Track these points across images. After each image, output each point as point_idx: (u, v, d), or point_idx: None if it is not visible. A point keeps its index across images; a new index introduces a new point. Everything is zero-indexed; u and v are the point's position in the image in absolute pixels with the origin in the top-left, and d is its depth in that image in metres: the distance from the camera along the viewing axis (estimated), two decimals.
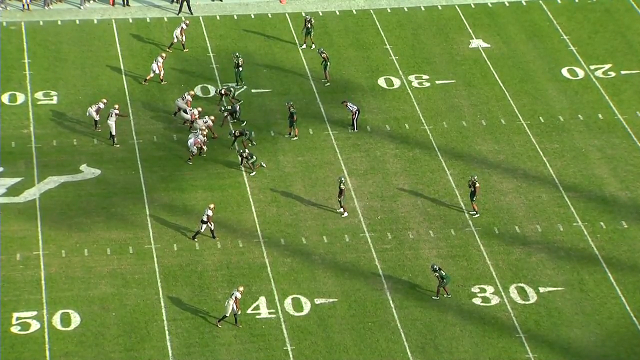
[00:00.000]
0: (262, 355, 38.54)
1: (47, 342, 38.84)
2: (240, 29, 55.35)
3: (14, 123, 49.29)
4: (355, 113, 48.49)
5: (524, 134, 49.22)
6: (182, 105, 48.54)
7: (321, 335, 39.42)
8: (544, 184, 46.36)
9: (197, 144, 46.35)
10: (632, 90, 52.00)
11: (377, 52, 54.47)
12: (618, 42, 55.50)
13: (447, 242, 43.43)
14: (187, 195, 45.48)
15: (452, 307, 40.56)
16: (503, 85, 52.23)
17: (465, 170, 46.88)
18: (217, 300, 40.65)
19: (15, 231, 43.42)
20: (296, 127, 48.00)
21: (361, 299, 40.85)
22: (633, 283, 41.62)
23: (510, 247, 43.19)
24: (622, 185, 46.36)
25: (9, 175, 46.25)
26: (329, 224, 44.16)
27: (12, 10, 56.90)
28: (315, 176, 46.59)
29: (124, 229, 43.70)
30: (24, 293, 40.73)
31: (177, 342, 39.05)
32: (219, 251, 42.79)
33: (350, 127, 48.71)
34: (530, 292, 41.18)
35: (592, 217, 44.66)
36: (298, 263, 42.37)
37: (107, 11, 57.31)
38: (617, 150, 48.15)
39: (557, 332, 39.70)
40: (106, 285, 41.20)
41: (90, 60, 53.46)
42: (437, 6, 58.20)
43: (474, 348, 38.99)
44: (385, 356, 38.67)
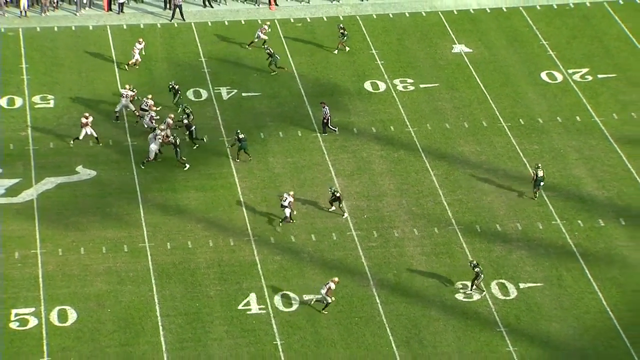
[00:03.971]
0: (253, 350, 38.61)
1: (44, 338, 38.84)
2: (231, 35, 55.35)
3: (12, 126, 49.28)
4: (326, 117, 48.41)
5: (505, 135, 49.37)
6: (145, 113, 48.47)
7: (309, 330, 39.49)
8: (523, 183, 46.49)
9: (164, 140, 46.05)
10: (608, 94, 52.18)
11: (364, 57, 54.58)
12: (595, 47, 55.70)
13: (431, 240, 43.54)
14: (179, 195, 45.51)
15: (436, 302, 40.67)
16: (485, 89, 52.37)
17: (449, 171, 47.02)
18: (209, 296, 40.70)
19: (13, 230, 43.41)
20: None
21: (348, 295, 40.92)
22: (609, 279, 41.79)
23: (491, 244, 43.33)
24: (599, 184, 46.53)
25: (7, 176, 46.23)
26: (317, 223, 44.25)
27: (10, 17, 56.87)
28: (304, 177, 46.67)
29: (119, 228, 43.72)
30: (23, 290, 40.72)
31: (170, 337, 39.09)
32: (211, 249, 42.84)
33: (323, 132, 48.66)
34: (510, 288, 41.30)
35: (570, 216, 44.83)
36: (287, 261, 42.45)
37: (102, 18, 57.32)
38: (594, 152, 48.32)
39: (537, 326, 39.83)
40: (102, 283, 41.21)
41: (86, 65, 53.46)
42: (421, 12, 58.34)
43: (457, 342, 39.10)
44: (372, 350, 38.77)
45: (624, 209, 45.25)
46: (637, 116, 50.63)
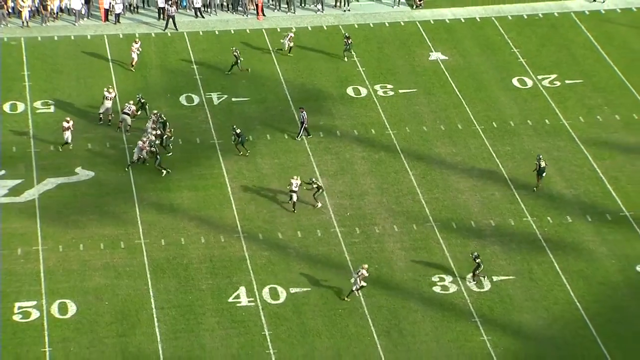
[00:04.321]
0: (243, 340, 38.60)
1: (46, 329, 38.79)
2: (221, 44, 55.33)
3: (15, 129, 49.15)
4: (303, 122, 48.39)
5: (479, 137, 49.46)
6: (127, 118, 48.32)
7: (296, 321, 39.51)
8: (497, 182, 46.59)
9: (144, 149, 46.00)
10: (575, 98, 52.33)
11: (346, 64, 54.60)
12: (563, 54, 55.84)
13: (410, 236, 43.59)
14: (173, 194, 45.47)
15: (414, 294, 40.72)
16: (460, 94, 52.45)
17: (426, 171, 47.08)
18: (201, 290, 40.67)
19: (16, 228, 43.32)
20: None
21: (332, 288, 40.95)
22: (577, 272, 41.92)
23: (466, 240, 43.40)
24: (567, 183, 46.66)
25: (10, 177, 46.13)
26: (302, 220, 44.25)
27: (12, 27, 56.75)
28: (290, 177, 46.59)
29: (116, 226, 43.66)
30: (25, 284, 40.65)
31: (164, 328, 39.06)
32: (203, 245, 42.81)
33: (301, 135, 48.62)
34: (484, 281, 41.39)
35: (540, 213, 44.93)
36: (275, 256, 42.45)
37: (99, 28, 57.23)
38: (562, 152, 48.45)
39: (509, 317, 39.92)
40: (100, 277, 41.16)
41: (85, 73, 53.36)
42: (400, 22, 58.40)
43: (434, 331, 39.17)
44: (354, 340, 38.80)
45: (590, 207, 45.38)
46: (602, 119, 50.78)
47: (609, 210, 45.14)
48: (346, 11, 59.04)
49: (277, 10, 59.01)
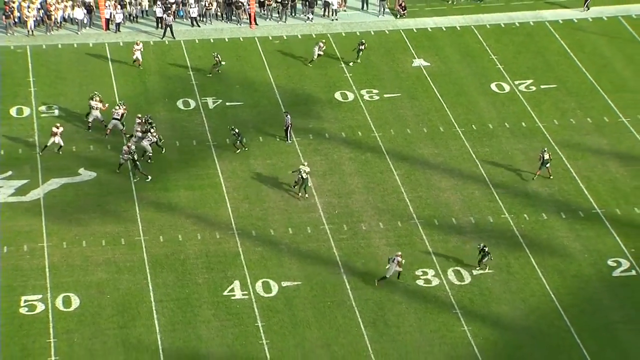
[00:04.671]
0: (237, 331, 38.56)
1: (51, 322, 38.70)
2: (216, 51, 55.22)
3: (21, 132, 49.04)
4: (288, 125, 48.35)
5: (460, 139, 49.49)
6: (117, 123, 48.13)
7: (287, 313, 39.48)
8: (476, 182, 46.63)
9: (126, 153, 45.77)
10: (550, 102, 52.40)
11: (334, 70, 54.58)
12: (538, 61, 55.91)
13: (395, 232, 43.60)
14: (171, 194, 45.39)
15: (399, 287, 40.72)
16: (441, 98, 52.48)
17: (410, 171, 47.08)
18: (197, 284, 40.62)
19: (22, 226, 43.21)
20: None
21: (321, 281, 40.93)
22: (552, 266, 41.98)
23: (448, 236, 43.42)
24: (542, 182, 46.70)
25: (16, 177, 46.00)
26: (293, 218, 44.22)
27: (18, 36, 56.62)
28: (282, 177, 46.62)
29: (117, 223, 43.56)
30: (31, 279, 40.55)
31: (163, 320, 38.99)
32: (199, 242, 42.74)
33: (284, 138, 48.52)
34: (465, 275, 41.42)
35: (517, 210, 44.98)
36: (267, 251, 42.41)
37: (100, 36, 57.12)
38: (538, 153, 48.45)
39: (488, 308, 39.95)
40: (102, 272, 41.07)
41: (87, 79, 53.25)
42: (385, 31, 58.41)
43: (418, 322, 39.18)
44: (342, 330, 38.79)
45: (564, 204, 45.45)
46: (575, 122, 50.86)
47: (581, 207, 45.22)
48: (334, 20, 59.02)
49: (269, 20, 58.96)
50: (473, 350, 38.15)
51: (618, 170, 47.45)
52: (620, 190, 46.25)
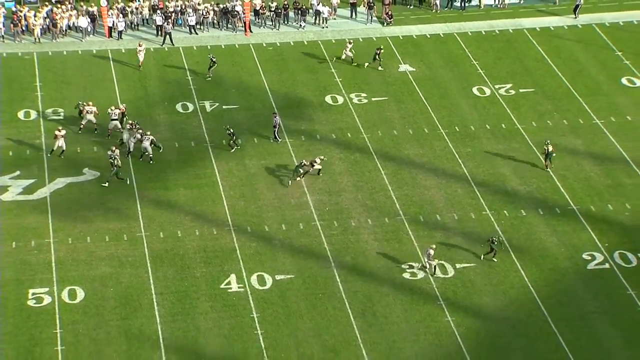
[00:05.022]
0: (233, 322, 38.52)
1: (57, 313, 38.62)
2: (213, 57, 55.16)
3: (28, 134, 48.91)
4: (276, 126, 48.30)
5: (443, 140, 49.49)
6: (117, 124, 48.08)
7: (281, 305, 39.44)
8: (459, 180, 46.64)
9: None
10: (528, 105, 52.43)
11: (324, 75, 54.54)
12: (517, 66, 55.95)
13: (382, 228, 43.57)
14: (170, 192, 45.30)
15: (386, 280, 40.71)
16: (426, 101, 52.47)
17: (397, 170, 47.07)
18: (196, 277, 40.56)
19: (30, 223, 43.10)
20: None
21: (313, 275, 40.90)
22: (530, 259, 42.01)
23: (432, 231, 43.41)
24: (521, 181, 46.75)
25: (24, 177, 45.88)
26: (286, 215, 44.17)
27: (26, 43, 56.47)
28: (275, 176, 46.57)
29: (119, 220, 43.47)
30: (38, 273, 40.46)
31: (163, 311, 38.92)
32: (197, 237, 42.67)
33: (271, 138, 48.46)
34: (449, 268, 41.42)
35: (497, 207, 45.00)
36: (262, 246, 42.35)
37: (104, 43, 56.99)
38: (517, 153, 48.55)
39: (470, 300, 39.96)
40: (105, 266, 40.98)
41: (91, 83, 53.13)
42: (372, 38, 58.37)
43: (404, 313, 39.17)
44: (333, 321, 38.76)
45: (542, 201, 45.48)
46: (552, 124, 50.89)
47: (558, 204, 45.25)
48: (324, 28, 58.97)
49: (263, 27, 58.88)
50: (456, 340, 38.16)
51: (592, 169, 47.50)
52: (594, 188, 46.30)
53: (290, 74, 54.55)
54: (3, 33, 56.42)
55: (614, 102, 52.50)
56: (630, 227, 43.82)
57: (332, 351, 37.57)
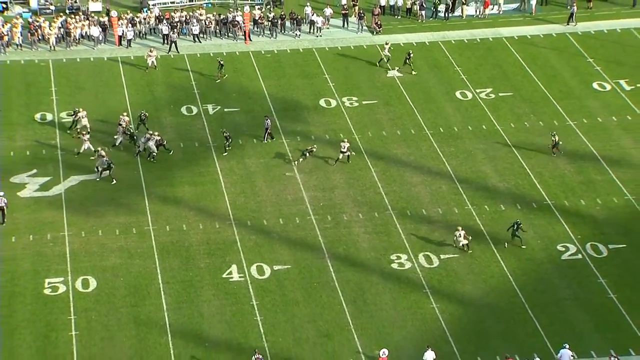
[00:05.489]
0: (234, 309, 38.47)
1: (71, 301, 38.57)
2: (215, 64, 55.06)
3: (44, 135, 48.78)
4: (267, 128, 48.19)
5: (429, 140, 49.44)
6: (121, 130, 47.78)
7: (278, 293, 39.40)
8: (443, 177, 46.60)
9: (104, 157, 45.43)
10: (507, 108, 52.41)
11: (319, 80, 54.46)
12: (496, 72, 55.92)
13: (372, 222, 43.53)
14: (176, 189, 45.22)
15: (376, 270, 40.68)
16: (412, 104, 52.41)
17: (385, 168, 47.02)
18: (200, 268, 40.51)
19: (46, 217, 43.00)
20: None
21: (308, 265, 40.85)
22: (509, 250, 41.99)
23: (419, 225, 43.38)
24: (501, 178, 46.73)
25: (41, 175, 45.78)
26: (283, 210, 44.10)
27: (42, 51, 56.30)
28: (273, 174, 46.52)
29: (129, 215, 43.38)
30: (53, 264, 40.37)
31: (169, 299, 38.87)
32: (201, 231, 42.59)
33: (263, 139, 48.26)
34: (434, 259, 41.40)
35: (479, 202, 44.98)
36: (261, 239, 42.29)
37: (114, 51, 56.84)
38: (497, 152, 48.53)
39: (454, 288, 39.96)
40: (116, 258, 40.91)
41: (102, 89, 53.00)
42: (363, 46, 58.29)
43: (393, 301, 39.15)
44: (327, 308, 38.73)
45: (520, 197, 45.48)
46: (529, 125, 50.88)
47: (534, 199, 45.25)
48: (319, 37, 58.88)
49: (262, 36, 58.77)
50: (441, 325, 38.15)
51: (566, 167, 47.50)
52: (568, 184, 46.31)
53: (287, 79, 54.47)
54: (21, 42, 56.25)
55: (586, 105, 52.50)
56: (601, 220, 43.84)
57: (325, 336, 37.54)
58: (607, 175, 46.81)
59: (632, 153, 48.43)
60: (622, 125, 50.43)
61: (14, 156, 47.17)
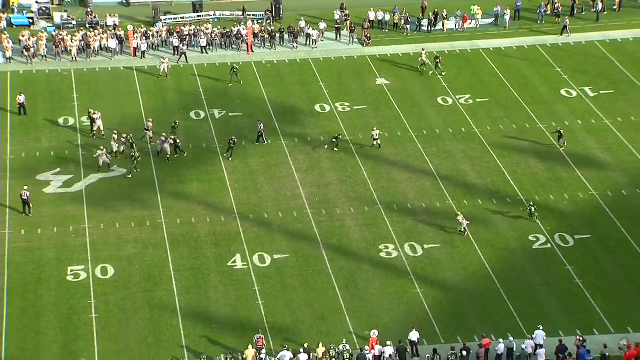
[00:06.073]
0: (238, 293, 38.48)
1: (91, 287, 38.59)
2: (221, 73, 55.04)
3: (67, 137, 48.70)
4: (260, 131, 48.08)
5: (414, 142, 49.44)
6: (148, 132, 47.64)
7: (278, 280, 39.41)
8: (427, 175, 46.60)
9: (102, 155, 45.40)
10: (484, 112, 52.42)
11: (314, 87, 54.41)
12: (474, 80, 55.89)
13: (363, 215, 43.54)
14: (186, 185, 45.19)
15: (366, 259, 40.69)
16: (399, 109, 52.39)
17: (374, 167, 47.01)
18: (207, 257, 40.50)
19: (68, 211, 42.97)
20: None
21: (305, 254, 40.86)
22: (485, 240, 42.04)
23: (404, 218, 43.40)
24: (478, 175, 46.76)
25: (63, 173, 45.74)
26: (282, 204, 44.10)
27: (64, 62, 56.16)
28: (273, 172, 46.50)
29: (143, 209, 43.35)
30: (75, 253, 40.36)
31: (180, 285, 38.86)
32: (208, 223, 42.56)
33: (257, 141, 48.11)
34: (418, 248, 41.41)
35: (458, 197, 45.00)
36: (262, 231, 42.28)
37: (130, 61, 56.72)
38: (475, 153, 48.54)
39: (436, 275, 39.99)
40: (131, 248, 40.89)
41: (119, 95, 52.91)
42: (354, 56, 58.22)
43: (381, 286, 39.18)
44: (322, 292, 38.76)
45: (495, 192, 45.51)
46: (504, 128, 50.88)
47: (509, 195, 45.28)
48: (314, 48, 58.83)
49: (263, 48, 58.74)
50: (424, 308, 38.20)
51: (537, 165, 47.54)
52: (538, 181, 46.35)
53: (286, 87, 54.41)
54: (46, 53, 56.15)
55: (554, 110, 52.52)
56: (568, 213, 43.91)
57: (320, 318, 37.55)
58: (574, 173, 46.88)
59: (595, 153, 48.51)
60: (586, 128, 50.46)
61: (39, 156, 47.10)
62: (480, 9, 61.45)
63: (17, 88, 52.62)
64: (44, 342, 36.05)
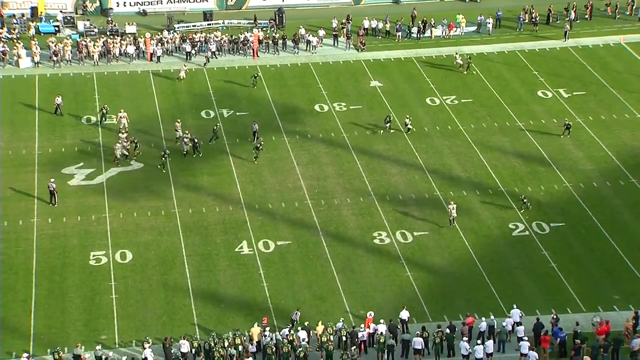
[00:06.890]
0: (245, 277, 38.35)
1: (112, 270, 38.46)
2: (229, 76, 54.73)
3: (89, 135, 48.47)
4: (256, 131, 47.71)
5: (404, 138, 49.19)
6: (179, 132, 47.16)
7: (281, 264, 39.25)
8: (416, 169, 46.39)
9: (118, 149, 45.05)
10: (467, 112, 52.14)
11: (314, 89, 54.12)
12: (459, 82, 55.57)
13: (358, 205, 43.34)
14: (197, 178, 44.97)
15: (361, 245, 40.52)
16: (391, 109, 52.12)
17: (369, 162, 46.76)
18: (216, 243, 40.36)
19: (90, 202, 42.80)
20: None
21: (306, 241, 40.69)
22: (469, 228, 41.88)
23: (396, 207, 43.21)
24: (463, 169, 46.54)
25: (86, 167, 45.54)
26: (285, 196, 43.89)
27: (87, 66, 55.89)
28: (276, 166, 46.28)
29: (158, 200, 43.15)
30: (97, 240, 40.21)
31: (192, 269, 38.71)
32: (217, 213, 42.36)
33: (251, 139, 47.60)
34: (408, 235, 41.25)
35: (445, 189, 44.78)
36: (266, 219, 42.09)
37: (146, 65, 56.40)
38: (460, 148, 48.31)
39: (424, 259, 39.84)
40: (148, 235, 40.71)
41: (136, 96, 52.63)
42: (350, 60, 57.92)
43: (375, 270, 39.04)
44: (320, 275, 38.64)
45: (478, 184, 45.31)
46: (486, 126, 50.62)
47: (490, 187, 45.08)
48: (314, 53, 58.52)
49: (267, 53, 58.41)
50: (414, 290, 38.05)
51: (516, 160, 47.31)
52: (517, 174, 46.14)
53: (288, 89, 54.12)
54: (70, 58, 55.89)
55: (532, 110, 52.26)
56: (544, 204, 43.71)
57: (320, 299, 37.40)
58: (549, 167, 46.66)
59: (569, 149, 48.29)
60: (561, 126, 50.21)
61: (64, 152, 46.86)
62: (464, 18, 61.20)
63: (45, 90, 52.35)
64: (69, 320, 35.92)
